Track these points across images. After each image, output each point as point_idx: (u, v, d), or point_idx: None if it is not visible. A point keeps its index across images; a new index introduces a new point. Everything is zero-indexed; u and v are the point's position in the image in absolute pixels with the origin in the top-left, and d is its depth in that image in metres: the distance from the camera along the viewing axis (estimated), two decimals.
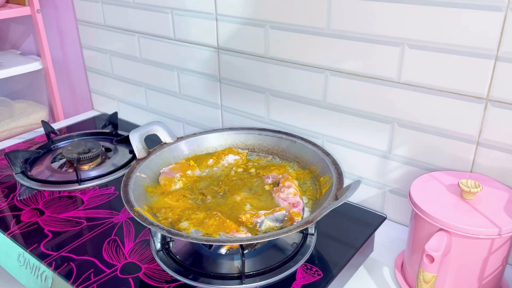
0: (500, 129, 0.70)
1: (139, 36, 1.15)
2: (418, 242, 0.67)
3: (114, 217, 0.84)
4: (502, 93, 0.68)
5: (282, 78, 0.92)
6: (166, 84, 1.15)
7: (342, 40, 0.81)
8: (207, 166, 0.86)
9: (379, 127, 0.82)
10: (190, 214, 0.72)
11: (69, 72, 1.48)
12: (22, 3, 1.38)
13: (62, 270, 0.71)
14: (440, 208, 0.64)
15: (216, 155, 0.88)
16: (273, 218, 0.71)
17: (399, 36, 0.74)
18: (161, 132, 0.87)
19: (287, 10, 0.85)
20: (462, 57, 0.69)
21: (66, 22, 1.38)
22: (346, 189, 0.67)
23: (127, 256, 0.74)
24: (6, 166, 1.03)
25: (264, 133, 0.91)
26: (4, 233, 0.80)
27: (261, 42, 0.92)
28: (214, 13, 0.97)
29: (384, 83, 0.79)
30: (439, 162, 0.78)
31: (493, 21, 0.65)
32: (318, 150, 0.82)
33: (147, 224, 0.65)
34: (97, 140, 1.13)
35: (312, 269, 0.70)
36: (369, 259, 0.79)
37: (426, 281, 0.61)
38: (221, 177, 0.83)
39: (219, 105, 1.06)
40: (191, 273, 0.69)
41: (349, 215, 0.83)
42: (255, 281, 0.67)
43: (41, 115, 1.52)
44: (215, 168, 0.86)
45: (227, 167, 0.86)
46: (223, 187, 0.80)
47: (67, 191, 0.93)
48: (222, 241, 0.65)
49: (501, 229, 0.60)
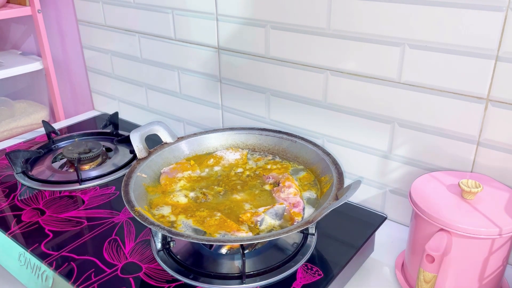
0: (500, 129, 0.70)
1: (139, 36, 1.15)
2: (418, 242, 0.67)
3: (115, 217, 0.84)
4: (502, 93, 0.68)
5: (282, 78, 0.92)
6: (167, 84, 1.16)
7: (342, 40, 0.81)
8: (208, 166, 0.86)
9: (380, 127, 0.82)
10: (194, 212, 0.72)
11: (70, 72, 1.48)
12: (22, 3, 1.38)
13: (63, 270, 0.71)
14: (440, 208, 0.64)
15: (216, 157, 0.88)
16: (273, 212, 0.71)
17: (400, 36, 0.74)
18: (161, 132, 0.87)
19: (287, 10, 0.85)
20: (462, 57, 0.69)
21: (67, 22, 1.38)
22: (346, 189, 0.67)
23: (128, 256, 0.74)
24: (7, 166, 1.03)
25: (265, 133, 0.91)
26: (5, 233, 0.80)
27: (262, 42, 0.92)
28: (215, 13, 0.97)
29: (385, 83, 0.79)
30: (439, 162, 0.78)
31: (493, 21, 0.65)
32: (318, 150, 0.82)
33: (148, 224, 0.65)
34: (98, 140, 1.13)
35: (312, 269, 0.70)
36: (370, 259, 0.79)
37: (427, 281, 0.61)
38: (222, 177, 0.83)
39: (220, 105, 1.06)
40: (192, 273, 0.69)
41: (349, 215, 0.83)
42: (256, 281, 0.67)
43: (42, 115, 1.52)
44: (216, 168, 0.86)
45: (228, 167, 0.86)
46: (224, 186, 0.80)
47: (68, 191, 0.93)
48: (223, 241, 0.65)
49: (501, 229, 0.60)
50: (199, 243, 0.74)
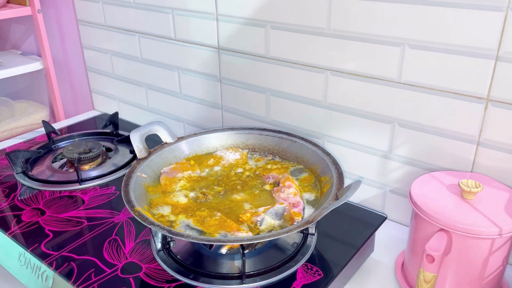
0: (500, 129, 0.70)
1: (139, 36, 1.15)
2: (418, 242, 0.67)
3: (115, 217, 0.84)
4: (502, 93, 0.68)
5: (282, 78, 0.92)
6: (167, 84, 1.16)
7: (342, 40, 0.81)
8: (208, 166, 0.86)
9: (380, 127, 0.82)
10: (194, 212, 0.72)
11: (70, 72, 1.48)
12: (23, 3, 1.38)
13: (63, 269, 0.71)
14: (440, 208, 0.64)
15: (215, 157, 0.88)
16: (273, 212, 0.71)
17: (400, 36, 0.74)
18: (161, 132, 0.87)
19: (287, 10, 0.85)
20: (462, 57, 0.69)
21: (67, 22, 1.38)
22: (346, 189, 0.67)
23: (128, 256, 0.74)
24: (7, 166, 1.03)
25: (265, 133, 0.91)
26: (5, 233, 0.80)
27: (262, 42, 0.92)
28: (215, 13, 0.97)
29: (385, 83, 0.79)
30: (439, 162, 0.78)
31: (493, 21, 0.65)
32: (318, 150, 0.82)
33: (148, 224, 0.65)
34: (98, 140, 1.13)
35: (312, 269, 0.70)
36: (370, 259, 0.79)
37: (427, 281, 0.61)
38: (222, 177, 0.83)
39: (220, 105, 1.06)
40: (192, 273, 0.69)
41: (349, 215, 0.83)
42: (256, 281, 0.67)
43: (42, 115, 1.52)
44: (216, 168, 0.86)
45: (228, 167, 0.86)
46: (224, 186, 0.80)
47: (68, 191, 0.93)
48: (223, 241, 0.65)
49: (501, 229, 0.60)
50: (199, 243, 0.74)
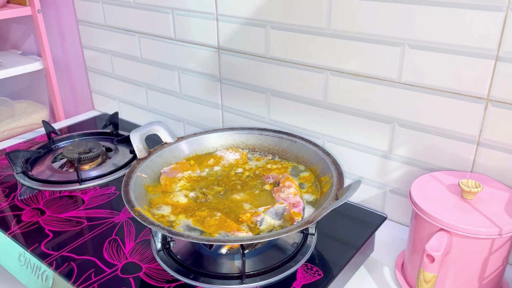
0: (500, 129, 0.70)
1: (139, 36, 1.15)
2: (418, 242, 0.67)
3: (115, 217, 0.84)
4: (502, 93, 0.68)
5: (282, 78, 0.92)
6: (167, 84, 1.16)
7: (342, 40, 0.81)
8: (208, 166, 0.86)
9: (380, 127, 0.82)
10: (194, 211, 0.72)
11: (70, 72, 1.48)
12: (23, 3, 1.38)
13: (63, 270, 0.71)
14: (440, 208, 0.64)
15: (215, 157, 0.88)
16: (273, 212, 0.71)
17: (400, 36, 0.74)
18: (161, 132, 0.87)
19: (287, 10, 0.85)
20: (462, 57, 0.69)
21: (67, 22, 1.38)
22: (346, 189, 0.67)
23: (128, 256, 0.74)
24: (7, 166, 1.03)
25: (265, 133, 0.91)
26: (5, 233, 0.80)
27: (262, 42, 0.92)
28: (215, 13, 0.97)
29: (385, 83, 0.79)
30: (439, 162, 0.78)
31: (493, 21, 0.65)
32: (318, 150, 0.82)
33: (148, 224, 0.65)
34: (98, 140, 1.13)
35: (312, 269, 0.70)
36: (370, 259, 0.79)
37: (427, 281, 0.61)
38: (222, 177, 0.83)
39: (220, 105, 1.06)
40: (192, 273, 0.69)
41: (349, 215, 0.83)
42: (256, 281, 0.67)
43: (42, 115, 1.52)
44: (216, 168, 0.86)
45: (227, 167, 0.86)
46: (224, 186, 0.80)
47: (68, 191, 0.93)
48: (223, 241, 0.65)
49: (501, 229, 0.60)
50: (199, 243, 0.74)
